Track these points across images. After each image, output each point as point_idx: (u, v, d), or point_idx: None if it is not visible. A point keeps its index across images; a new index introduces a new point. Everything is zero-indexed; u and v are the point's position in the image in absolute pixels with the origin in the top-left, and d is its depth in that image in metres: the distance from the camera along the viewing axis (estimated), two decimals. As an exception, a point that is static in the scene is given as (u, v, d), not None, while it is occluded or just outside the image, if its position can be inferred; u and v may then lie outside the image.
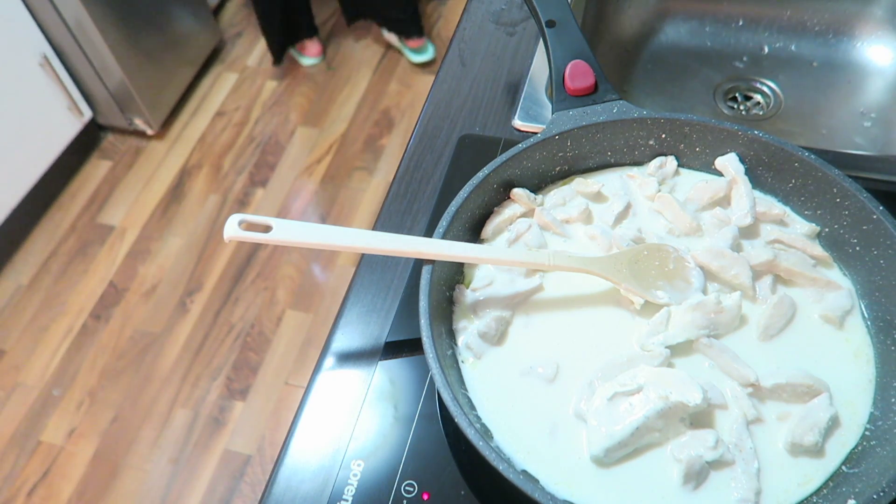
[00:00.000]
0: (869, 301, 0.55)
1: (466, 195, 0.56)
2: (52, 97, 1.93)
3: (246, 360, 1.72)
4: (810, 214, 0.59)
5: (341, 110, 2.24)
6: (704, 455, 0.47)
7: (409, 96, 2.26)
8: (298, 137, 2.18)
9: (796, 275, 0.55)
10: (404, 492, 0.51)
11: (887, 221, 0.53)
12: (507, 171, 0.60)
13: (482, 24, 0.87)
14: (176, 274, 1.89)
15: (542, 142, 0.60)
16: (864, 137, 0.84)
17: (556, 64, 0.63)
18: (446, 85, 0.80)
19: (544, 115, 0.74)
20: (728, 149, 0.61)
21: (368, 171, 2.08)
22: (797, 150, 0.57)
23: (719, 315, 0.52)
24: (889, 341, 0.52)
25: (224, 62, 2.40)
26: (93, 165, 2.15)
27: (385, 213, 0.69)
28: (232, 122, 2.23)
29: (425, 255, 0.52)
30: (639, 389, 0.48)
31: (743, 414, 0.49)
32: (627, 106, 0.61)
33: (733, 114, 0.88)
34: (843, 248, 0.57)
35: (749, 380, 0.50)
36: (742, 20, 0.92)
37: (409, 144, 0.75)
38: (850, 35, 0.89)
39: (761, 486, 0.47)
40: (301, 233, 0.50)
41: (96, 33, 1.87)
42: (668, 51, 0.94)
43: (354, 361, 0.59)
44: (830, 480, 0.47)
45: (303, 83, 2.32)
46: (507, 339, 0.54)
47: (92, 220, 2.03)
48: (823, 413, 0.48)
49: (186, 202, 2.05)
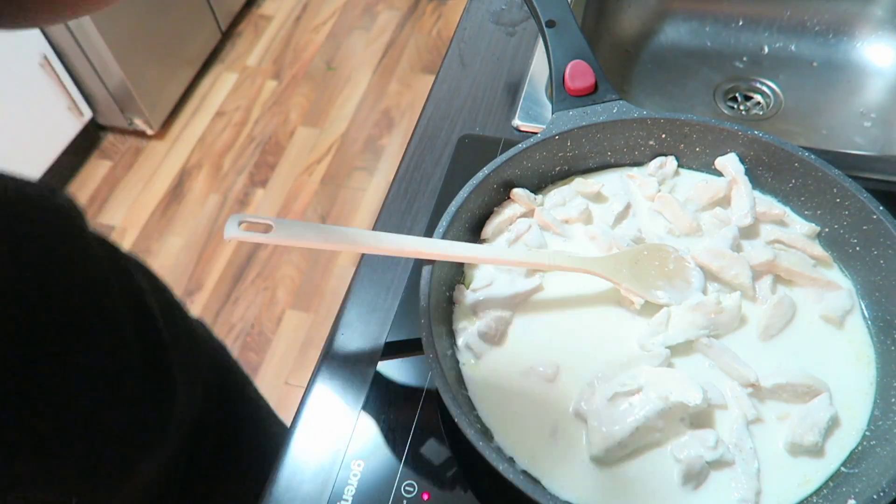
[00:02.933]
0: (869, 301, 0.55)
1: (466, 195, 0.56)
2: (53, 97, 1.93)
3: (246, 360, 1.72)
4: (810, 214, 0.59)
5: (341, 110, 2.24)
6: (704, 455, 0.47)
7: (409, 96, 2.26)
8: (298, 137, 2.18)
9: (796, 275, 0.55)
10: (404, 492, 0.51)
11: (887, 221, 0.53)
12: (507, 171, 0.60)
13: (482, 24, 0.87)
14: (176, 274, 1.89)
15: (542, 142, 0.60)
16: (864, 137, 0.84)
17: (556, 64, 0.63)
18: (446, 85, 0.80)
19: (544, 115, 0.74)
20: (728, 149, 0.61)
21: (368, 171, 2.08)
22: (797, 150, 0.57)
23: (719, 315, 0.52)
24: (889, 341, 0.52)
25: (224, 62, 2.40)
26: (93, 165, 2.15)
27: (385, 213, 0.69)
28: (232, 122, 2.23)
29: (425, 255, 0.52)
30: (639, 389, 0.48)
31: (743, 414, 0.49)
32: (627, 106, 0.61)
33: (733, 114, 0.88)
34: (843, 248, 0.57)
35: (749, 380, 0.50)
36: (742, 20, 0.92)
37: (409, 144, 0.75)
38: (850, 35, 0.89)
39: (761, 486, 0.47)
40: (301, 233, 0.50)
41: (96, 33, 1.87)
42: (668, 51, 0.94)
43: (354, 361, 0.59)
44: (830, 480, 0.47)
45: (303, 83, 2.32)
46: (507, 339, 0.54)
47: (92, 220, 2.02)
48: (823, 413, 0.48)
49: (186, 202, 2.05)
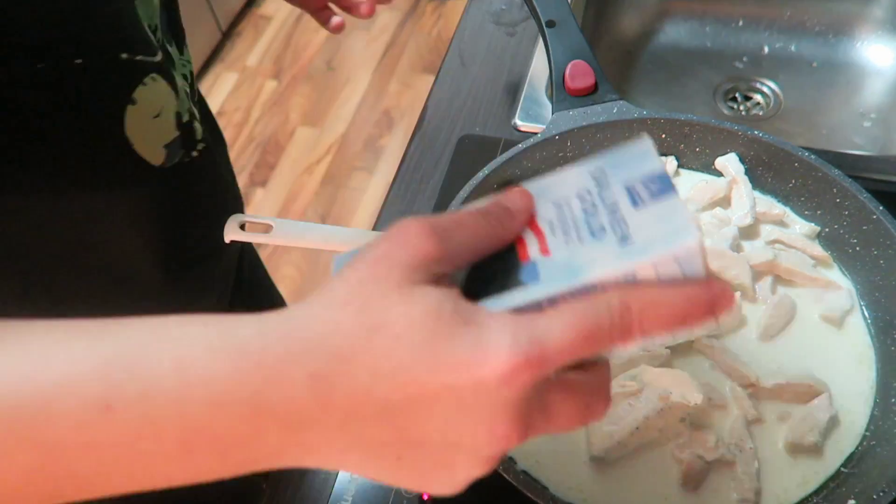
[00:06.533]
0: (869, 301, 0.55)
1: (466, 195, 0.56)
2: (52, 97, 1.93)
3: (246, 360, 1.72)
4: (810, 214, 0.59)
5: (341, 110, 2.24)
6: (704, 455, 0.47)
7: (409, 96, 2.26)
8: (298, 137, 2.18)
9: (796, 275, 0.55)
10: (404, 492, 0.51)
11: (887, 221, 0.53)
12: (507, 172, 0.60)
13: (482, 25, 0.87)
14: (176, 274, 1.89)
15: (542, 142, 0.60)
16: (864, 137, 0.84)
17: (556, 64, 0.63)
18: (446, 85, 0.80)
19: (544, 115, 0.74)
20: (728, 149, 0.61)
21: (368, 171, 2.08)
22: (797, 150, 0.57)
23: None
24: (889, 341, 0.52)
25: (224, 62, 2.40)
26: (93, 165, 2.15)
27: (385, 213, 0.69)
28: (232, 121, 2.23)
29: (425, 255, 0.52)
30: (639, 389, 0.48)
31: (743, 414, 0.49)
32: (627, 106, 0.61)
33: (733, 114, 0.88)
34: (843, 248, 0.57)
35: (749, 380, 0.50)
36: (742, 20, 0.92)
37: (409, 144, 0.75)
38: (850, 35, 0.89)
39: (761, 486, 0.47)
40: (301, 233, 0.50)
41: (96, 33, 1.87)
42: (668, 51, 0.94)
43: (354, 361, 0.59)
44: (830, 480, 0.47)
45: (303, 83, 2.32)
46: (507, 339, 0.54)
47: (92, 220, 2.03)
48: (823, 413, 0.48)
49: (186, 202, 2.05)
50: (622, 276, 0.27)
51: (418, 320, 0.25)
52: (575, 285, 0.27)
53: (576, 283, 0.27)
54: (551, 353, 0.25)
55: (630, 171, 0.29)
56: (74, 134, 0.42)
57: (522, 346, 0.25)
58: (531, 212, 0.30)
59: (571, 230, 0.29)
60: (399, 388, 0.25)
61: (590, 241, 0.28)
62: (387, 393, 0.25)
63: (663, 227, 0.27)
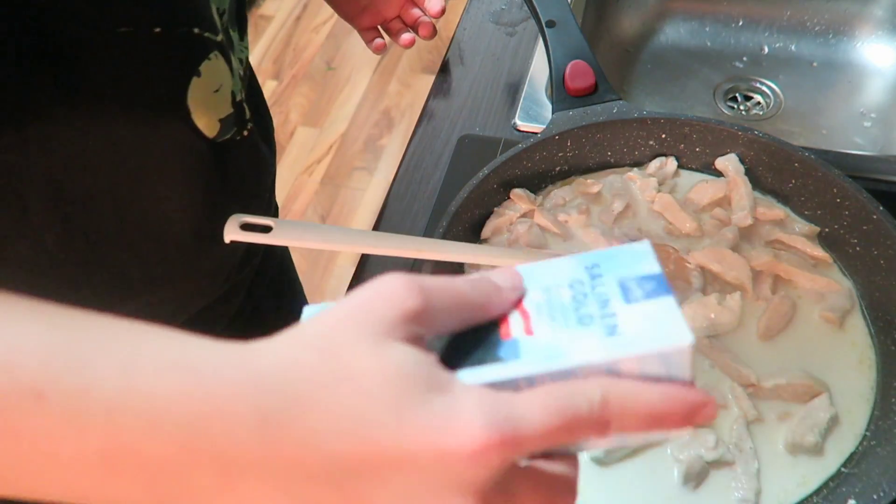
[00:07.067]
0: (869, 301, 0.55)
1: (466, 195, 0.56)
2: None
3: (246, 360, 1.72)
4: (810, 214, 0.59)
5: (341, 110, 2.24)
6: (704, 455, 0.47)
7: (409, 96, 2.26)
8: (298, 137, 2.18)
9: (796, 275, 0.55)
10: None
11: (887, 221, 0.53)
12: (507, 172, 0.60)
13: (482, 24, 0.87)
14: (176, 274, 1.89)
15: (542, 142, 0.60)
16: (864, 137, 0.84)
17: (556, 64, 0.63)
18: (446, 85, 0.80)
19: (544, 115, 0.74)
20: (728, 149, 0.61)
21: (368, 171, 2.08)
22: (797, 150, 0.57)
23: (719, 315, 0.52)
24: (889, 341, 0.52)
25: (224, 62, 2.39)
26: (93, 165, 2.15)
27: (385, 213, 0.69)
28: (232, 122, 2.23)
29: (425, 255, 0.52)
30: (639, 389, 0.48)
31: (743, 414, 0.49)
32: (627, 106, 0.61)
33: (733, 114, 0.88)
34: (843, 248, 0.57)
35: (749, 380, 0.50)
36: (742, 20, 0.92)
37: (409, 144, 0.75)
38: (850, 35, 0.89)
39: (761, 485, 0.47)
40: (301, 233, 0.50)
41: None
42: (668, 51, 0.94)
43: (354, 361, 0.59)
44: (830, 480, 0.47)
45: (303, 83, 2.32)
46: (507, 339, 0.54)
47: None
48: (823, 413, 0.48)
49: (186, 202, 2.05)
50: (605, 365, 0.26)
51: (391, 378, 0.24)
52: (555, 368, 0.26)
53: (557, 365, 0.26)
54: (526, 435, 0.24)
55: (626, 269, 0.29)
56: (140, 95, 0.44)
57: (497, 424, 0.23)
58: (519, 291, 0.29)
59: (558, 314, 0.28)
60: (356, 447, 0.23)
61: (576, 328, 0.27)
62: (342, 451, 0.23)
63: (655, 325, 0.26)
